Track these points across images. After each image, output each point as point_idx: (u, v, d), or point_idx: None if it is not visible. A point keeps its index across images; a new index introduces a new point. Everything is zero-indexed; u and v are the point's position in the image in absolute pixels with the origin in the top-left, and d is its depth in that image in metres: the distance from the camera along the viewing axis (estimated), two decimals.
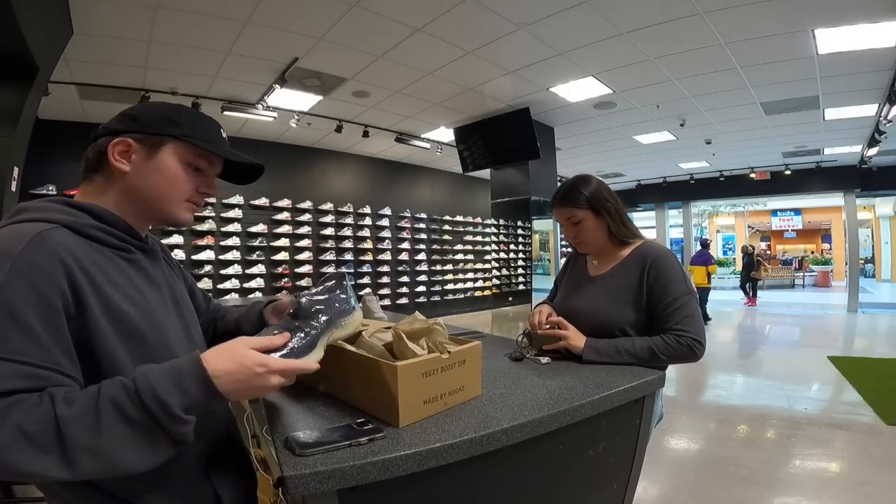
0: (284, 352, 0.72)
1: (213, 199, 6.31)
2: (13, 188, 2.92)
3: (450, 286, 9.17)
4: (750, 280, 10.67)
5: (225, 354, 0.66)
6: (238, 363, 0.65)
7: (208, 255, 6.24)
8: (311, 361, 0.75)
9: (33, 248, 0.60)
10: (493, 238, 7.96)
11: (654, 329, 1.28)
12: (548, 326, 1.34)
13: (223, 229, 6.41)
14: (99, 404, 0.57)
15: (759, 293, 10.92)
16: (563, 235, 1.41)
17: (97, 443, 0.55)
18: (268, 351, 0.70)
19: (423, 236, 8.75)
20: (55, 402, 0.55)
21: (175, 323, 0.79)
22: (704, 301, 7.88)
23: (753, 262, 10.57)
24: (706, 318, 7.94)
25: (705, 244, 8.34)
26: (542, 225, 6.86)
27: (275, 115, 5.33)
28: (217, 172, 0.85)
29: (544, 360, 1.32)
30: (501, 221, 7.73)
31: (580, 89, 4.98)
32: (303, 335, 0.77)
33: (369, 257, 7.93)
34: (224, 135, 0.84)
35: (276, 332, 0.75)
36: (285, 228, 6.97)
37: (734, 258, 16.92)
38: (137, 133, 0.74)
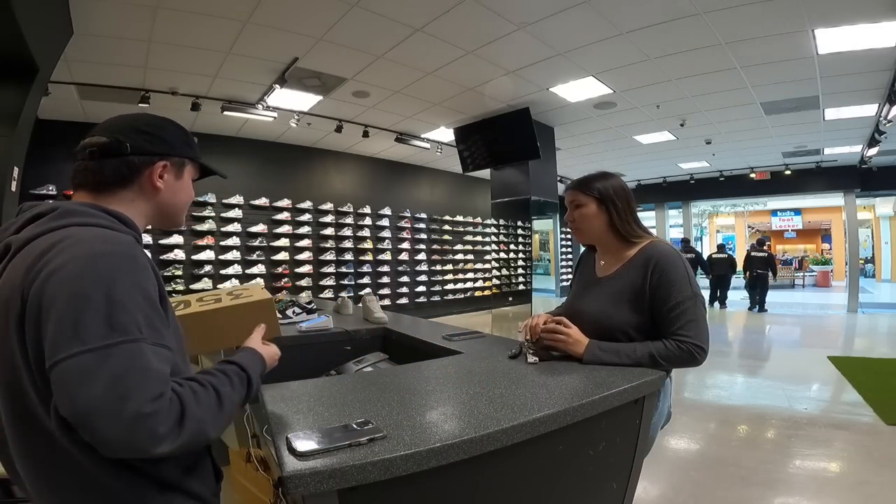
0: None
1: (213, 200, 6.31)
2: (13, 188, 2.92)
3: (450, 286, 9.16)
4: None
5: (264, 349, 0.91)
6: (270, 354, 0.92)
7: (208, 255, 6.23)
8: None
9: (134, 248, 0.71)
10: (493, 238, 7.97)
11: (657, 331, 1.27)
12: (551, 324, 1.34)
13: (223, 229, 6.41)
14: (231, 383, 0.76)
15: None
16: (563, 230, 1.43)
17: (231, 407, 0.73)
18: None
19: (423, 236, 8.75)
20: (212, 384, 0.72)
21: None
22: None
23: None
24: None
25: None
26: (542, 225, 6.88)
27: (275, 115, 5.33)
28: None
29: (531, 359, 1.33)
30: (501, 221, 7.74)
31: (580, 89, 4.98)
32: None
33: (369, 257, 7.93)
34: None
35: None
36: (285, 228, 6.97)
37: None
38: (170, 156, 0.84)
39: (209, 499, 0.80)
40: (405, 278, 8.45)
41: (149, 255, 0.79)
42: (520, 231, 7.52)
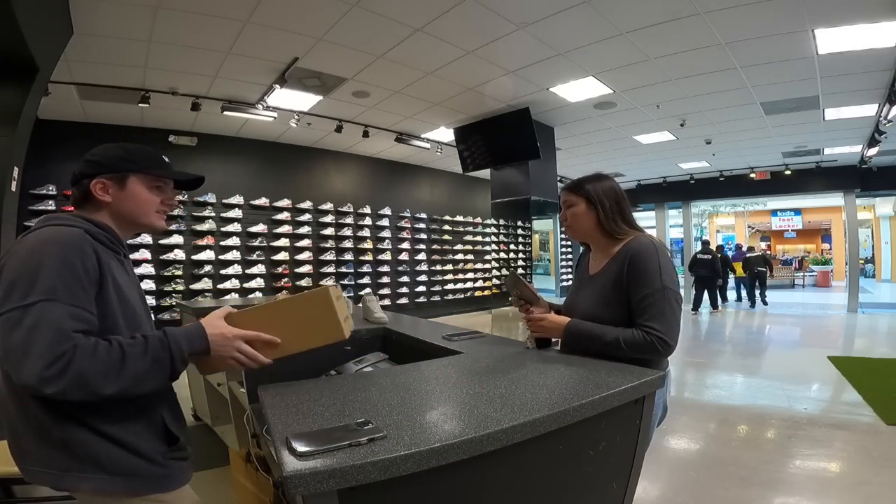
0: None
1: (213, 200, 6.32)
2: (13, 188, 2.92)
3: (450, 286, 9.16)
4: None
5: (214, 326, 0.96)
6: (221, 334, 0.95)
7: (208, 255, 6.24)
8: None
9: (75, 236, 0.90)
10: (493, 238, 7.96)
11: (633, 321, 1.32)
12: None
13: (223, 229, 6.41)
14: (145, 350, 0.87)
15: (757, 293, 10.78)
16: (562, 230, 1.55)
17: (134, 370, 0.85)
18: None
19: (423, 236, 8.75)
20: (122, 345, 0.85)
21: (141, 306, 1.07)
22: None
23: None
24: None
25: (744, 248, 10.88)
26: (542, 225, 6.86)
27: (275, 115, 5.33)
28: (172, 186, 1.11)
29: (529, 344, 1.51)
30: (501, 221, 7.73)
31: (580, 89, 4.98)
32: None
33: (369, 257, 7.93)
34: (166, 158, 1.10)
35: None
36: (285, 228, 6.97)
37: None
38: (107, 173, 1.01)
39: (154, 456, 0.95)
40: (405, 278, 8.45)
41: (146, 256, 0.93)
42: (520, 231, 7.51)
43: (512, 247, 7.47)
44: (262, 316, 0.99)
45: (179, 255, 6.01)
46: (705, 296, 9.35)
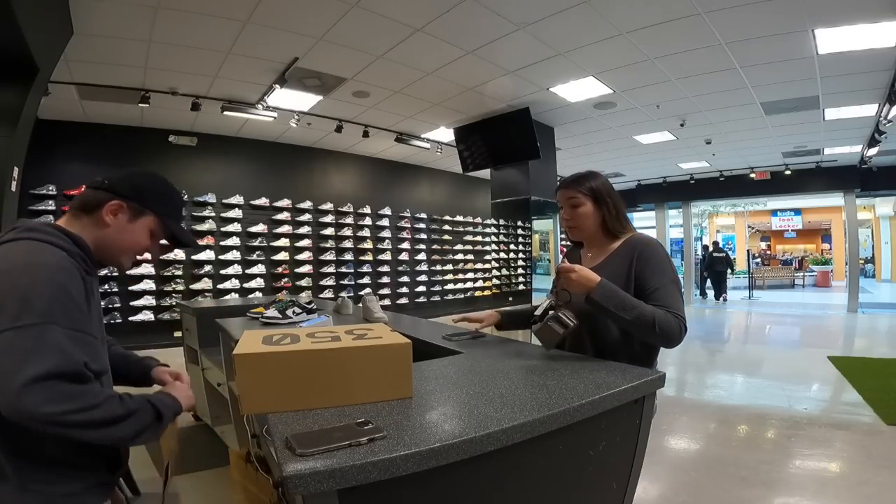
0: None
1: (213, 200, 6.32)
2: (13, 188, 2.92)
3: (450, 286, 9.16)
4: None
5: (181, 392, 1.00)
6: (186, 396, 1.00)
7: (208, 255, 6.24)
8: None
9: (63, 260, 0.85)
10: (493, 238, 7.96)
11: None
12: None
13: (223, 229, 6.41)
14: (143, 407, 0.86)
15: (759, 293, 10.94)
16: (561, 228, 1.45)
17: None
18: None
19: (423, 236, 8.75)
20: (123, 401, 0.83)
21: (103, 328, 1.03)
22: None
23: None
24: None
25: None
26: (542, 225, 6.85)
27: (275, 115, 5.33)
28: (163, 240, 1.08)
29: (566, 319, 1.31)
30: (501, 221, 7.73)
31: (580, 89, 4.98)
32: None
33: (369, 257, 7.93)
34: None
35: None
36: (285, 228, 6.97)
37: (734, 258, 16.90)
38: (132, 201, 0.98)
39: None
40: (405, 278, 8.45)
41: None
42: (520, 231, 7.52)
43: (512, 247, 7.47)
44: (330, 358, 0.93)
45: (179, 255, 6.01)
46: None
